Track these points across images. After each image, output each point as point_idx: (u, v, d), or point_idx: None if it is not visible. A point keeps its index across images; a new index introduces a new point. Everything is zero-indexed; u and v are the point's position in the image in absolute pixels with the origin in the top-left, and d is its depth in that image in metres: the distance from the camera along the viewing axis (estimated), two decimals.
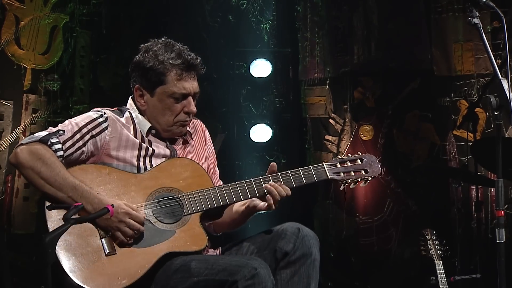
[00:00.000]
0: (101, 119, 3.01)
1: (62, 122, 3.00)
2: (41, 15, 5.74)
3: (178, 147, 3.13)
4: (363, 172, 3.16)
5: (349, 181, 3.15)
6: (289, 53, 6.64)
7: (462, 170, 5.76)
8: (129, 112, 3.09)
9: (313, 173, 3.11)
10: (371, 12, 6.40)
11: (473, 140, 5.27)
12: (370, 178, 3.16)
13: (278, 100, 6.56)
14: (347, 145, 6.42)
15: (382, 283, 6.16)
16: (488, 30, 5.65)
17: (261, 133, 6.41)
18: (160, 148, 3.07)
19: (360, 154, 3.19)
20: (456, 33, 6.03)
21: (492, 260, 2.94)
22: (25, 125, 5.59)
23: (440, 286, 4.50)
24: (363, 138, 6.38)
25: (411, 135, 6.21)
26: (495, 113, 2.87)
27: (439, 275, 4.53)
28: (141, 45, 3.12)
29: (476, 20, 2.89)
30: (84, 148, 2.97)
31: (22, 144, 2.92)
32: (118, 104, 3.19)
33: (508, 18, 5.34)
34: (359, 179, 3.15)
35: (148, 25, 6.34)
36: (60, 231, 2.50)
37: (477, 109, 5.39)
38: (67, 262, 2.80)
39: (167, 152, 3.08)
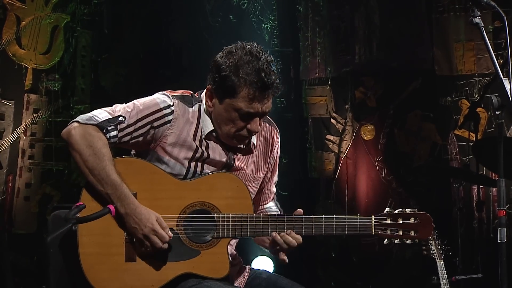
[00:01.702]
0: (167, 111, 2.89)
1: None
2: (42, 15, 5.74)
3: (237, 156, 3.02)
4: (412, 232, 2.94)
5: (393, 239, 2.94)
6: (291, 53, 6.64)
7: (464, 170, 5.76)
8: (199, 106, 2.98)
9: (359, 225, 2.91)
10: (372, 11, 6.39)
11: (474, 139, 5.26)
12: (417, 241, 2.95)
13: (280, 99, 6.55)
14: (349, 145, 6.42)
15: (384, 283, 6.15)
16: (489, 29, 5.65)
17: None
18: (216, 153, 2.96)
19: (416, 211, 2.96)
20: (457, 33, 6.02)
21: (493, 260, 2.94)
22: (26, 125, 5.60)
23: (442, 286, 4.49)
24: (365, 138, 6.38)
25: (412, 134, 6.21)
26: (497, 112, 2.85)
27: (440, 275, 4.52)
28: (226, 47, 2.94)
29: (477, 20, 2.87)
30: (140, 138, 2.89)
31: (78, 121, 2.83)
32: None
33: (510, 18, 5.33)
34: (405, 239, 2.94)
35: (149, 25, 6.35)
36: (61, 231, 2.49)
37: (478, 109, 5.39)
38: (86, 256, 2.79)
39: (224, 158, 2.97)
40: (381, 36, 6.36)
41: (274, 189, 3.24)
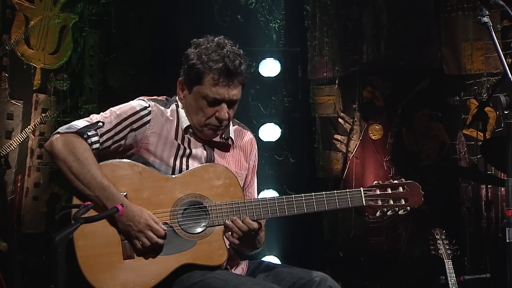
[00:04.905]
0: (144, 112, 2.96)
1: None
2: (51, 15, 5.76)
3: (217, 152, 3.08)
4: (403, 201, 3.00)
5: (385, 210, 2.99)
6: (298, 52, 6.64)
7: (472, 169, 5.75)
8: (176, 105, 3.05)
9: (349, 198, 2.98)
10: (380, 11, 6.39)
11: (483, 139, 5.26)
12: (409, 208, 3.00)
13: (287, 99, 6.55)
14: (356, 144, 6.41)
15: (392, 282, 6.14)
16: (498, 29, 5.64)
17: (270, 132, 6.40)
18: (198, 149, 3.02)
19: (404, 180, 3.03)
20: (466, 32, 6.01)
21: (502, 260, 2.93)
22: (34, 125, 5.61)
23: (450, 285, 4.49)
24: (372, 137, 6.37)
25: (420, 134, 6.20)
26: (505, 112, 2.85)
27: (448, 275, 4.52)
28: (194, 39, 3.04)
29: (486, 19, 2.87)
30: (122, 142, 2.94)
31: (59, 132, 2.90)
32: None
33: None
34: (397, 209, 3.00)
35: (157, 24, 6.35)
36: (69, 231, 2.49)
37: (487, 108, 5.38)
38: (84, 259, 2.80)
39: (204, 154, 3.03)
40: (389, 35, 6.35)
41: (256, 195, 3.26)
